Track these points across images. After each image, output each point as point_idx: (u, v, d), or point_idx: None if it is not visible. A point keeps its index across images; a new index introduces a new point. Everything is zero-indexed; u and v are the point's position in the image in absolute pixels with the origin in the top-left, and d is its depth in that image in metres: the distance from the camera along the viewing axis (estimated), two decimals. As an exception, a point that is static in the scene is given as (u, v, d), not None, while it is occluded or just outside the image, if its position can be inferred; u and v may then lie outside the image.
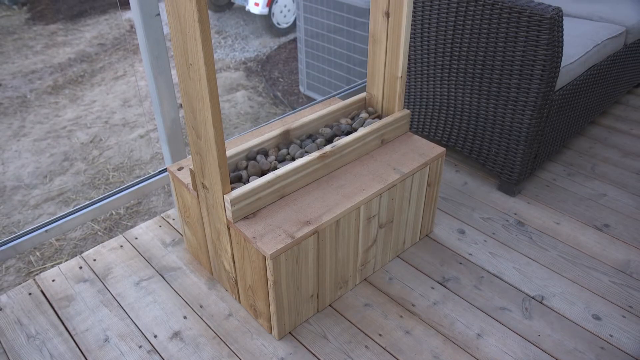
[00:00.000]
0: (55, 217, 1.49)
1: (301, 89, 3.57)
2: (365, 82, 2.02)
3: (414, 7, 1.69)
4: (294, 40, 4.66)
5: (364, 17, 2.96)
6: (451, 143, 1.84)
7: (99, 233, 2.64)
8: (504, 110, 1.62)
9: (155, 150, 3.34)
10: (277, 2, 4.57)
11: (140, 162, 3.23)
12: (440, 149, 1.43)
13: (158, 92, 1.50)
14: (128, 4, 6.70)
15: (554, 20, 1.40)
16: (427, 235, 1.58)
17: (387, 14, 1.36)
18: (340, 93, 2.12)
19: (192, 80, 1.05)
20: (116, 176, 3.11)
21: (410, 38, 1.78)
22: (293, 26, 4.80)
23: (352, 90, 2.17)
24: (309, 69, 3.50)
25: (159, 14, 1.43)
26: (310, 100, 3.69)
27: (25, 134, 3.59)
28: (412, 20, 1.73)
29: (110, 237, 2.57)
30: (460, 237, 1.57)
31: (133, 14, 1.42)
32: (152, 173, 1.65)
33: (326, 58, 3.35)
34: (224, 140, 1.47)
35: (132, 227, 2.68)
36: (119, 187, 3.20)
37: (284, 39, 4.73)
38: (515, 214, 1.65)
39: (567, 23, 1.86)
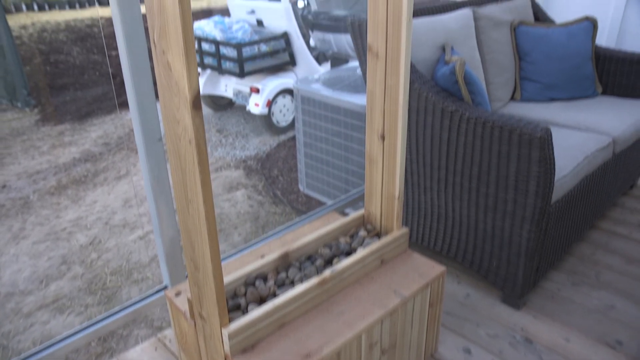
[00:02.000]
0: (44, 345, 1.44)
1: (300, 187, 3.62)
2: (364, 190, 2.05)
3: (409, 127, 1.76)
4: (293, 138, 4.81)
5: (361, 120, 3.08)
6: (451, 254, 1.82)
7: (92, 344, 2.54)
8: (502, 223, 1.62)
9: (154, 253, 3.31)
10: (276, 102, 4.78)
11: (138, 265, 3.19)
12: (441, 268, 1.41)
13: (158, 212, 1.51)
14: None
15: (544, 140, 1.44)
16: (432, 356, 1.52)
17: (383, 137, 1.41)
18: (338, 202, 2.14)
19: (190, 215, 1.06)
20: (114, 280, 3.06)
21: (406, 153, 1.83)
22: (292, 124, 4.98)
23: (350, 199, 2.20)
24: (308, 169, 3.57)
25: (161, 139, 1.48)
26: (309, 199, 3.73)
27: (25, 236, 3.58)
28: (407, 137, 1.79)
29: (104, 350, 2.47)
30: (467, 357, 1.51)
31: (136, 138, 1.47)
32: (150, 292, 1.62)
33: (324, 159, 3.43)
34: (221, 264, 1.46)
35: (127, 336, 2.59)
36: (115, 292, 3.14)
37: (283, 137, 4.88)
38: (522, 329, 1.60)
39: (556, 133, 1.92)
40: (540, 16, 2.44)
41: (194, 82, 0.89)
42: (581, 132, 1.93)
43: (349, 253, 1.44)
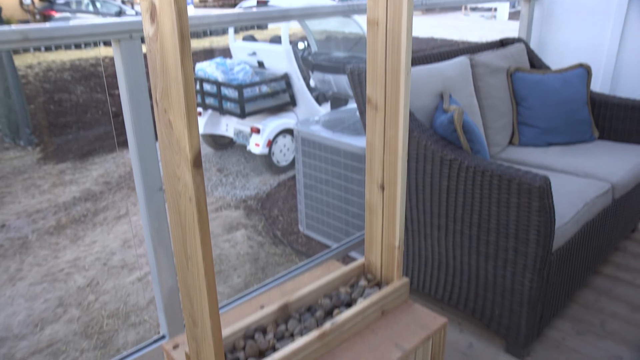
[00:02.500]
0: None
1: (300, 228, 3.61)
2: (364, 234, 2.04)
3: (408, 174, 1.77)
4: (294, 177, 4.82)
5: (361, 162, 3.09)
6: (452, 302, 1.80)
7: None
8: (503, 271, 1.61)
9: (152, 295, 3.27)
10: (276, 142, 4.82)
11: (136, 308, 3.15)
12: (443, 320, 1.39)
13: (157, 262, 1.50)
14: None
15: (543, 189, 1.45)
16: (435, 410, 1.48)
17: (382, 187, 1.42)
18: (339, 248, 2.13)
19: (190, 272, 1.05)
20: (110, 324, 3.01)
21: (406, 200, 1.83)
22: (292, 163, 5.01)
23: (350, 243, 2.19)
24: (308, 209, 3.57)
25: (161, 189, 1.48)
26: (309, 240, 3.71)
27: (22, 278, 3.54)
28: (407, 184, 1.80)
29: (98, 398, 2.41)
30: (471, 411, 1.47)
31: (137, 187, 1.47)
32: (147, 342, 1.59)
33: (324, 200, 3.43)
34: (220, 315, 1.44)
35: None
36: (112, 335, 3.09)
37: (283, 176, 4.90)
38: (527, 381, 1.57)
39: (555, 179, 1.93)
40: (535, 62, 2.49)
41: (194, 141, 0.90)
42: (580, 178, 1.94)
43: (349, 304, 1.42)
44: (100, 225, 4.31)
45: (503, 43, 2.50)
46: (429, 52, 2.12)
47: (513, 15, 20.17)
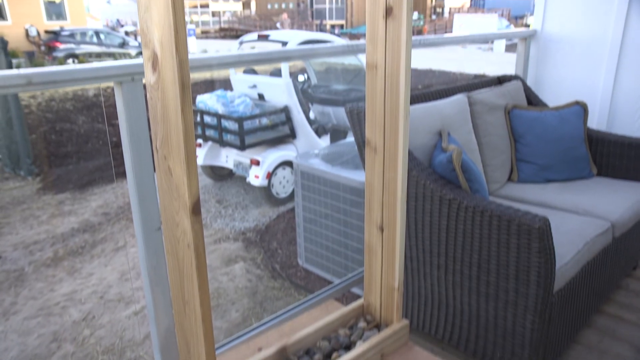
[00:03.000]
0: None
1: (300, 261, 3.58)
2: (363, 271, 2.03)
3: (407, 214, 1.77)
4: (293, 209, 4.81)
5: (360, 196, 3.10)
6: (453, 343, 1.77)
7: None
8: (504, 312, 1.59)
9: (149, 330, 3.22)
10: (276, 174, 4.83)
11: (132, 344, 3.09)
12: (444, 364, 1.37)
13: (154, 300, 1.48)
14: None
15: (543, 230, 1.44)
16: None
17: (382, 228, 1.41)
18: (338, 285, 2.11)
19: (187, 316, 1.04)
20: (105, 360, 2.96)
21: (405, 240, 1.83)
22: (292, 195, 5.01)
23: (350, 280, 2.16)
24: (307, 243, 3.55)
25: (160, 228, 1.48)
26: (308, 273, 3.68)
27: (16, 312, 3.49)
28: (406, 223, 1.79)
29: None
30: None
31: (135, 226, 1.47)
32: (141, 385, 1.56)
33: (324, 233, 3.42)
34: (215, 356, 1.42)
35: None
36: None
37: (282, 208, 4.89)
38: None
39: (554, 217, 1.93)
40: (532, 99, 2.52)
41: (194, 189, 0.90)
42: (579, 216, 1.94)
43: (348, 347, 1.40)
44: (98, 257, 4.28)
45: (500, 80, 2.54)
46: (426, 90, 2.15)
47: (510, 48, 20.55)
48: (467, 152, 2.11)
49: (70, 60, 14.52)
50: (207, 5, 41.50)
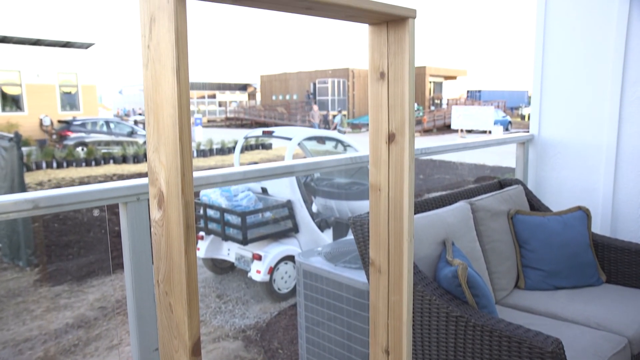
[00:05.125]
0: None
1: (301, 365, 3.41)
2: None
3: (413, 331, 1.71)
4: (294, 305, 4.68)
5: (364, 298, 3.02)
6: None
7: None
8: None
9: None
10: (278, 269, 4.76)
11: None
12: None
13: None
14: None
15: (556, 355, 1.38)
16: None
17: (387, 352, 1.35)
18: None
19: None
20: None
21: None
22: (293, 290, 4.89)
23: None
24: (308, 344, 3.40)
25: (157, 349, 1.42)
26: (310, 379, 3.49)
27: (-1, 420, 3.28)
28: (412, 345, 1.73)
29: None
30: None
31: (132, 346, 1.41)
32: None
33: (326, 334, 3.29)
34: None
35: None
36: None
37: (284, 304, 4.76)
38: None
39: (566, 332, 1.86)
40: (534, 204, 2.54)
41: (194, 329, 0.87)
42: (592, 330, 1.86)
43: None
44: (91, 357, 4.10)
45: (502, 184, 2.57)
46: (428, 198, 2.17)
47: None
48: (472, 260, 2.08)
49: (79, 149, 14.93)
50: (214, 96, 43.48)
